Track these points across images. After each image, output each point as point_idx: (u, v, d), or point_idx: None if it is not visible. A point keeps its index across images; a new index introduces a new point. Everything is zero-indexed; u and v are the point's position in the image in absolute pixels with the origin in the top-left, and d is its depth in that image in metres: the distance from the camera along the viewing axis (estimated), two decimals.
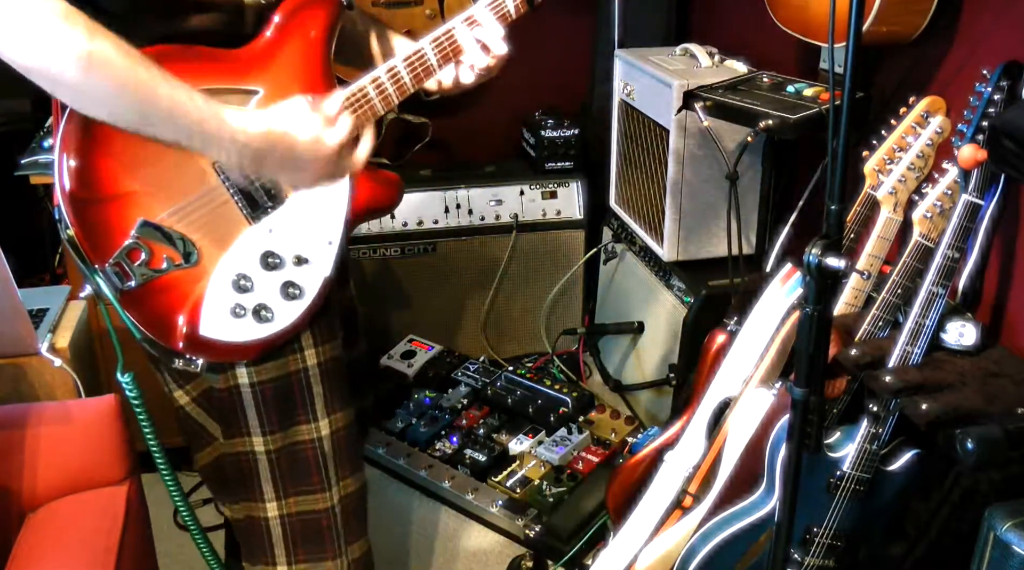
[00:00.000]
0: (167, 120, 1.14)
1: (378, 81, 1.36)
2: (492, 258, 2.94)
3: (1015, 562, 1.39)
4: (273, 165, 1.25)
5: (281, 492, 1.46)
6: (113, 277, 1.24)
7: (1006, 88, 1.56)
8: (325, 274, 1.37)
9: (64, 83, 1.09)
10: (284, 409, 1.42)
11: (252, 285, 1.32)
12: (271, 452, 1.43)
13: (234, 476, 1.47)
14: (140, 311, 1.28)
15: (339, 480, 1.47)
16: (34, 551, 1.48)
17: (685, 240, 2.48)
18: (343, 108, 1.32)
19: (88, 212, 1.22)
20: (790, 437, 1.30)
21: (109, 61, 1.09)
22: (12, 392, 1.83)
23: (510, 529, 2.25)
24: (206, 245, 1.29)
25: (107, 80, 1.09)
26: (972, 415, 1.50)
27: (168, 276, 1.27)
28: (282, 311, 1.34)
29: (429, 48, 1.38)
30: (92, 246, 1.23)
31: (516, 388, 2.67)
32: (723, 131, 2.18)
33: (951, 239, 1.58)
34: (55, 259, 2.64)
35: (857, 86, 1.25)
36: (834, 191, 1.16)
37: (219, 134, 1.18)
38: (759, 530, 1.72)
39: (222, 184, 1.29)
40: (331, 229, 1.38)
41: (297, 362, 1.41)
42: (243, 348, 1.34)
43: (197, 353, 1.33)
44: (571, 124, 2.96)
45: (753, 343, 1.91)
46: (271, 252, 1.33)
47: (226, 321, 1.31)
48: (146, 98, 1.12)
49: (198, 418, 1.49)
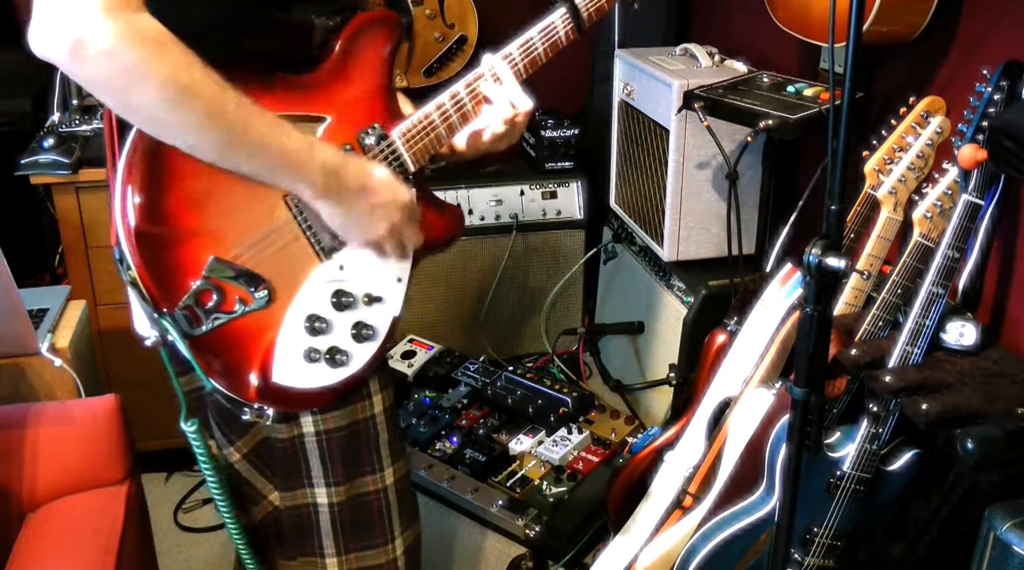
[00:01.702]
0: (255, 154, 1.09)
1: (443, 107, 1.33)
2: (492, 258, 2.94)
3: (1015, 562, 1.39)
4: (353, 198, 1.19)
5: (342, 547, 1.38)
6: (182, 322, 1.15)
7: (1006, 88, 1.56)
8: (395, 313, 1.31)
9: (142, 108, 1.02)
10: (351, 459, 1.34)
11: (326, 326, 1.24)
12: (334, 505, 1.35)
13: (292, 531, 1.39)
14: (209, 359, 1.18)
15: (402, 532, 1.41)
16: (34, 551, 1.48)
17: (685, 240, 2.48)
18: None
19: (155, 251, 1.13)
20: (790, 437, 1.30)
21: (199, 89, 1.02)
22: (12, 392, 1.83)
23: (510, 529, 2.25)
24: (278, 283, 1.20)
25: (196, 110, 1.03)
26: (972, 415, 1.50)
27: (239, 320, 1.18)
28: (356, 353, 1.26)
29: (490, 70, 1.35)
30: (159, 288, 1.14)
31: (516, 388, 2.67)
32: (723, 131, 2.18)
33: (951, 239, 1.58)
34: (55, 259, 2.64)
35: (857, 86, 1.25)
36: (834, 191, 1.16)
37: (310, 164, 1.13)
38: (759, 530, 1.72)
39: (293, 218, 1.21)
40: (400, 266, 1.32)
41: (365, 409, 1.33)
42: (316, 395, 1.25)
43: (269, 403, 1.24)
44: (571, 124, 2.96)
45: (753, 343, 1.91)
46: (343, 291, 1.25)
47: (300, 366, 1.22)
48: (235, 129, 1.06)
49: (248, 476, 1.43)
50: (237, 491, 1.45)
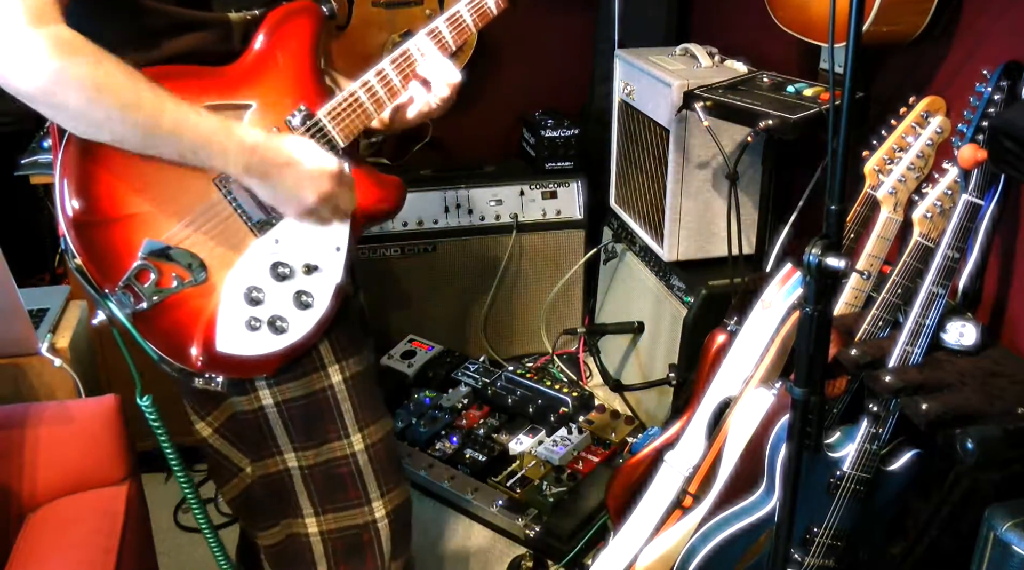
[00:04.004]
0: (174, 138, 1.15)
1: (368, 84, 1.38)
2: (492, 258, 2.94)
3: (1015, 562, 1.39)
4: (278, 175, 1.24)
5: (319, 508, 1.45)
6: (124, 301, 1.23)
7: (1006, 88, 1.56)
8: (336, 280, 1.36)
9: (67, 109, 1.10)
10: (313, 427, 1.41)
11: (264, 297, 1.31)
12: (305, 468, 1.42)
13: (269, 497, 1.46)
14: (155, 333, 1.27)
15: (383, 494, 1.46)
16: (34, 551, 1.48)
17: (685, 240, 2.48)
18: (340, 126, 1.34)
19: (93, 238, 1.22)
20: (790, 437, 1.30)
21: (113, 85, 1.10)
22: (12, 392, 1.83)
23: (510, 529, 2.25)
24: (214, 261, 1.28)
25: (112, 105, 1.10)
26: (972, 415, 1.50)
27: (179, 294, 1.26)
28: (297, 321, 1.33)
29: (415, 49, 1.41)
30: (100, 272, 1.22)
31: (516, 388, 2.67)
32: (723, 131, 2.18)
33: (951, 239, 1.58)
34: (55, 259, 2.64)
35: (857, 86, 1.25)
36: (834, 191, 1.16)
37: (227, 143, 1.19)
38: (759, 530, 1.72)
39: (224, 198, 1.28)
40: (337, 235, 1.36)
41: (321, 379, 1.40)
42: (262, 361, 1.33)
43: (216, 370, 1.32)
44: (571, 124, 2.96)
45: (753, 343, 1.91)
46: (280, 262, 1.32)
47: (242, 335, 1.30)
48: (152, 118, 1.13)
49: (222, 449, 1.48)
50: (214, 467, 1.51)
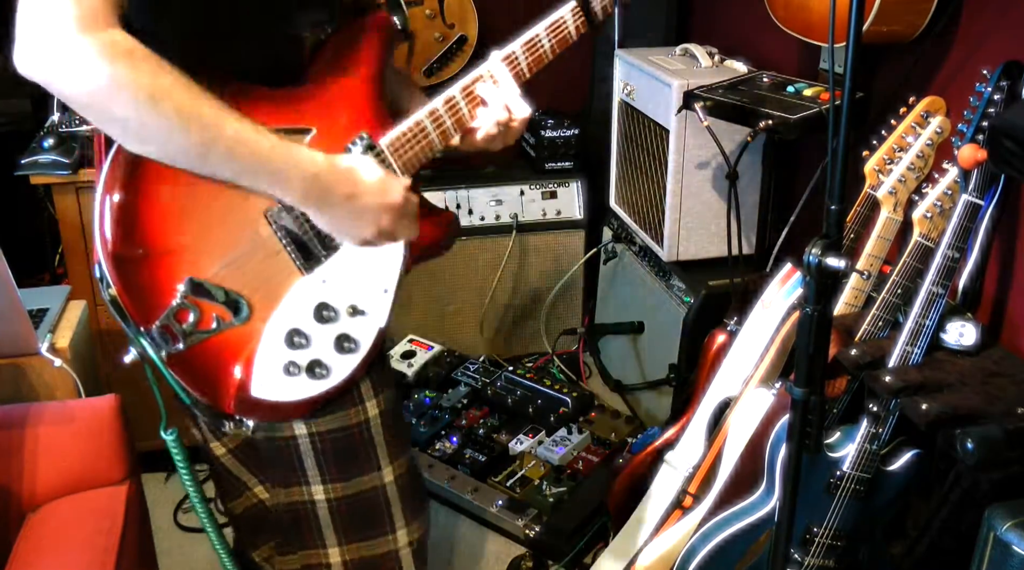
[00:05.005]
0: (231, 157, 1.07)
1: (436, 114, 1.27)
2: (492, 258, 2.94)
3: (1015, 562, 1.39)
4: (337, 205, 1.16)
5: (343, 538, 1.38)
6: (160, 340, 1.15)
7: (1006, 88, 1.56)
8: (380, 325, 1.27)
9: (120, 118, 1.03)
10: (345, 461, 1.34)
11: (306, 340, 1.22)
12: (332, 501, 1.35)
13: (290, 527, 1.39)
14: (188, 373, 1.19)
15: (406, 524, 1.41)
16: (34, 551, 1.48)
17: (685, 240, 2.48)
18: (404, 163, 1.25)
19: (133, 270, 1.14)
20: (790, 437, 1.30)
21: (171, 95, 1.02)
22: (12, 392, 1.82)
23: (510, 529, 2.25)
24: (257, 300, 1.19)
25: (168, 116, 1.02)
26: (972, 415, 1.50)
27: (217, 336, 1.18)
28: (337, 366, 1.24)
29: (488, 76, 1.30)
30: (137, 307, 1.14)
31: (516, 388, 2.67)
32: (723, 131, 2.18)
33: (951, 239, 1.58)
34: (55, 259, 2.64)
35: (857, 86, 1.25)
36: (834, 191, 1.16)
37: (286, 167, 1.11)
38: (759, 530, 1.72)
39: (274, 234, 1.19)
40: (387, 277, 1.28)
41: (358, 414, 1.32)
42: (296, 407, 1.25)
43: (248, 415, 1.25)
44: (571, 124, 2.96)
45: (753, 343, 1.91)
46: (325, 304, 1.23)
47: (279, 380, 1.22)
48: (210, 132, 1.05)
49: (233, 469, 1.44)
50: (221, 482, 1.47)
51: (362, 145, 1.23)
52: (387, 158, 1.25)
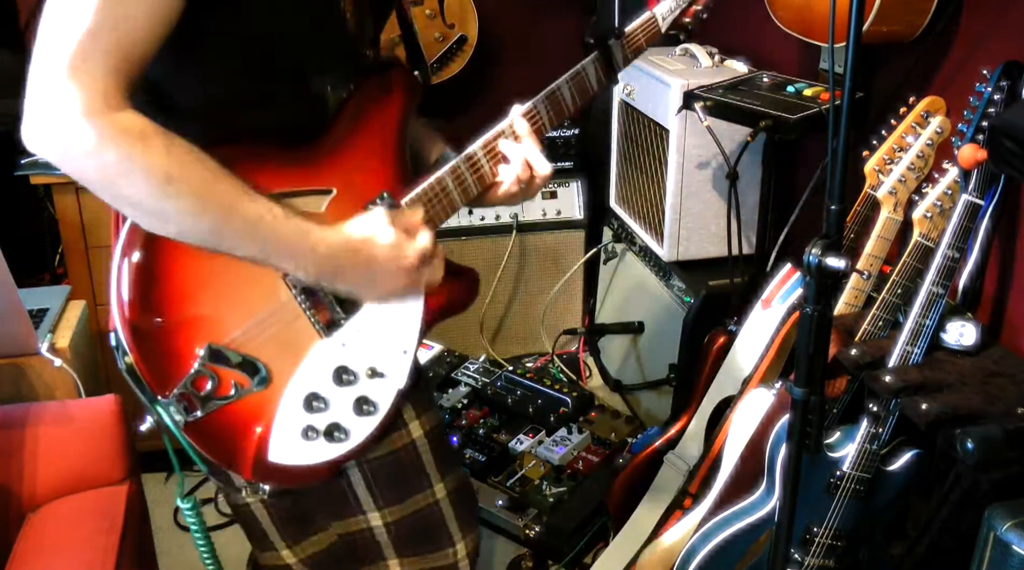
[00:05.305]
0: (245, 236, 1.05)
1: (457, 172, 1.26)
2: (492, 258, 2.94)
3: (1015, 562, 1.39)
4: (352, 277, 1.15)
5: (404, 557, 1.38)
6: (177, 408, 1.13)
7: (1006, 88, 1.56)
8: (399, 386, 1.25)
9: (131, 201, 1.00)
10: (397, 484, 1.33)
11: (325, 404, 1.20)
12: (390, 524, 1.35)
13: (348, 554, 1.39)
14: (205, 440, 1.17)
15: (464, 536, 1.40)
16: (34, 551, 1.48)
17: (685, 240, 2.48)
18: (424, 216, 1.22)
19: (150, 338, 1.11)
20: (790, 437, 1.30)
21: (184, 177, 0.99)
22: (12, 392, 1.83)
23: (510, 529, 2.25)
24: (276, 364, 1.17)
25: (184, 200, 1.00)
26: (972, 415, 1.50)
27: (235, 403, 1.16)
28: (356, 428, 1.22)
29: (509, 132, 1.29)
30: (154, 376, 1.12)
31: (516, 388, 2.67)
32: (723, 131, 2.18)
33: (951, 239, 1.58)
34: (55, 259, 2.64)
35: (857, 86, 1.25)
36: (834, 191, 1.16)
37: (299, 247, 1.09)
38: (759, 530, 1.72)
39: (294, 299, 1.17)
40: (406, 338, 1.25)
41: (403, 437, 1.31)
42: (312, 471, 1.22)
43: (264, 480, 1.23)
44: (571, 124, 2.96)
45: (753, 343, 1.91)
46: (345, 367, 1.21)
47: (296, 445, 1.19)
48: (224, 215, 1.03)
49: (262, 521, 1.38)
50: (249, 531, 1.41)
51: (383, 205, 1.20)
52: None
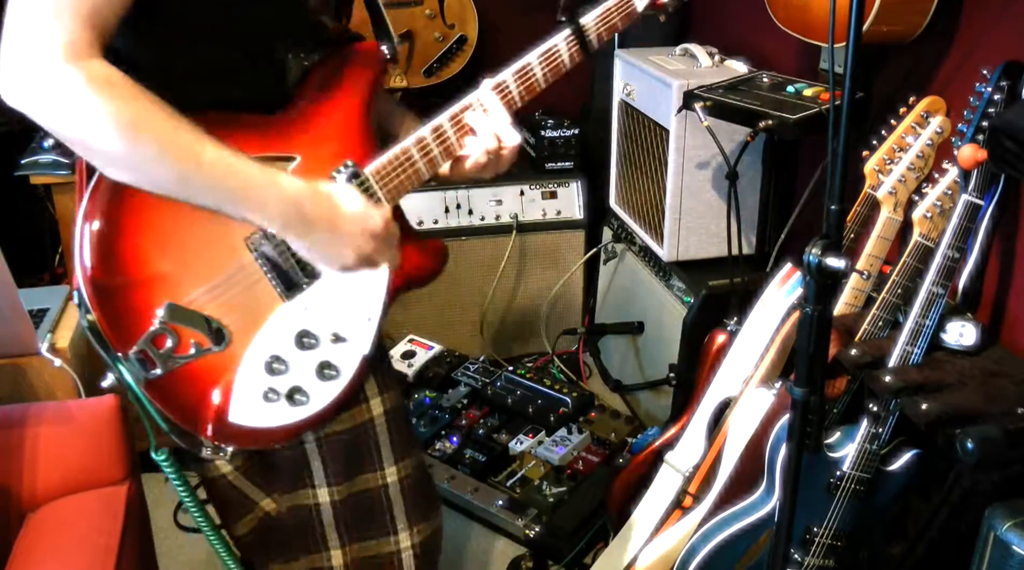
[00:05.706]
0: (212, 184, 1.07)
1: (423, 142, 1.26)
2: (492, 258, 2.94)
3: (1015, 562, 1.39)
4: (319, 232, 1.15)
5: (345, 538, 1.38)
6: (137, 366, 1.14)
7: (1006, 88, 1.56)
8: (363, 352, 1.26)
9: (103, 149, 1.03)
10: (351, 460, 1.34)
11: (286, 367, 1.21)
12: (336, 502, 1.36)
13: (293, 530, 1.39)
14: (165, 399, 1.18)
15: (411, 525, 1.40)
16: (34, 551, 1.48)
17: (685, 240, 2.48)
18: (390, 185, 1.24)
19: (112, 297, 1.13)
20: (790, 437, 1.30)
21: (152, 125, 1.02)
22: (12, 392, 1.83)
23: (510, 529, 2.25)
24: (237, 326, 1.18)
25: (150, 145, 1.02)
26: (972, 415, 1.50)
27: (195, 362, 1.17)
28: (317, 393, 1.24)
29: (477, 104, 1.29)
30: (115, 333, 1.14)
31: (516, 388, 2.67)
32: (723, 131, 2.18)
33: (951, 239, 1.58)
34: (55, 259, 2.64)
35: (857, 86, 1.25)
36: (834, 191, 1.16)
37: (267, 193, 1.10)
38: (759, 530, 1.72)
39: (255, 261, 1.19)
40: (371, 305, 1.26)
41: (363, 413, 1.33)
42: (275, 433, 1.24)
43: (226, 441, 1.23)
44: (571, 124, 2.96)
45: (753, 343, 1.91)
46: (306, 331, 1.22)
47: (257, 407, 1.21)
48: (191, 161, 1.05)
49: (238, 484, 1.39)
50: (226, 504, 1.43)
51: (347, 173, 1.22)
52: (372, 186, 1.24)
